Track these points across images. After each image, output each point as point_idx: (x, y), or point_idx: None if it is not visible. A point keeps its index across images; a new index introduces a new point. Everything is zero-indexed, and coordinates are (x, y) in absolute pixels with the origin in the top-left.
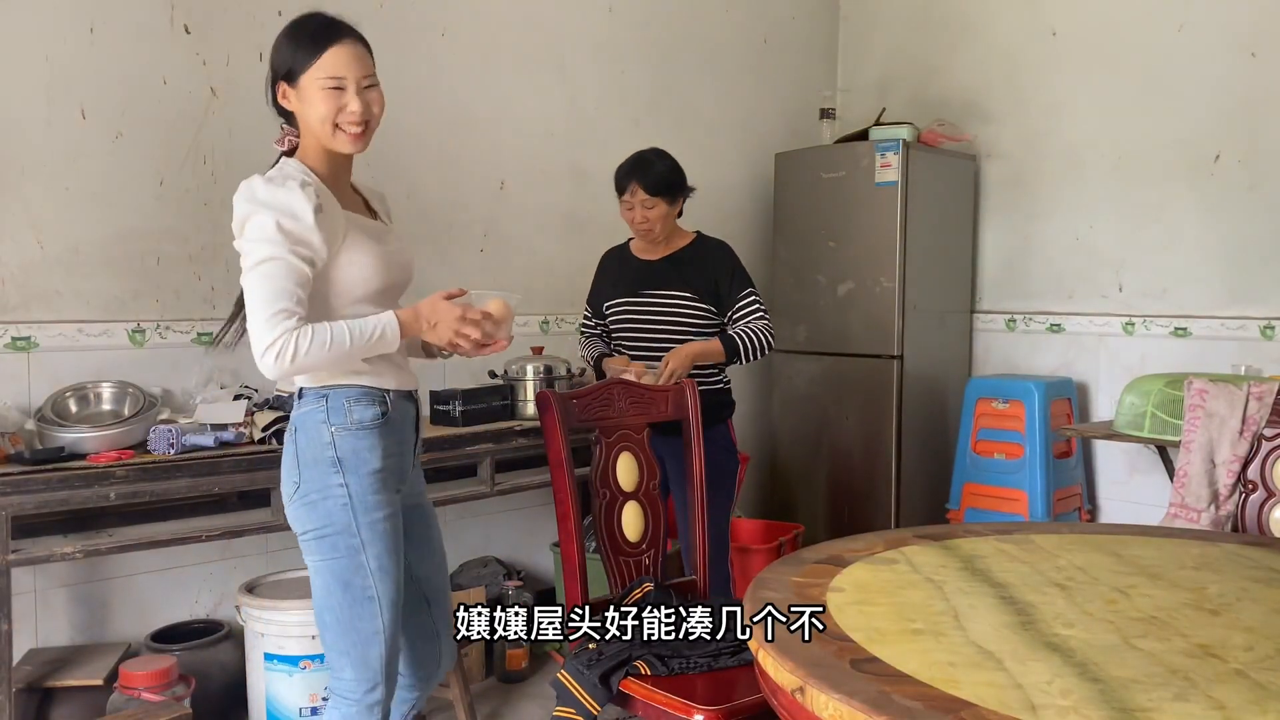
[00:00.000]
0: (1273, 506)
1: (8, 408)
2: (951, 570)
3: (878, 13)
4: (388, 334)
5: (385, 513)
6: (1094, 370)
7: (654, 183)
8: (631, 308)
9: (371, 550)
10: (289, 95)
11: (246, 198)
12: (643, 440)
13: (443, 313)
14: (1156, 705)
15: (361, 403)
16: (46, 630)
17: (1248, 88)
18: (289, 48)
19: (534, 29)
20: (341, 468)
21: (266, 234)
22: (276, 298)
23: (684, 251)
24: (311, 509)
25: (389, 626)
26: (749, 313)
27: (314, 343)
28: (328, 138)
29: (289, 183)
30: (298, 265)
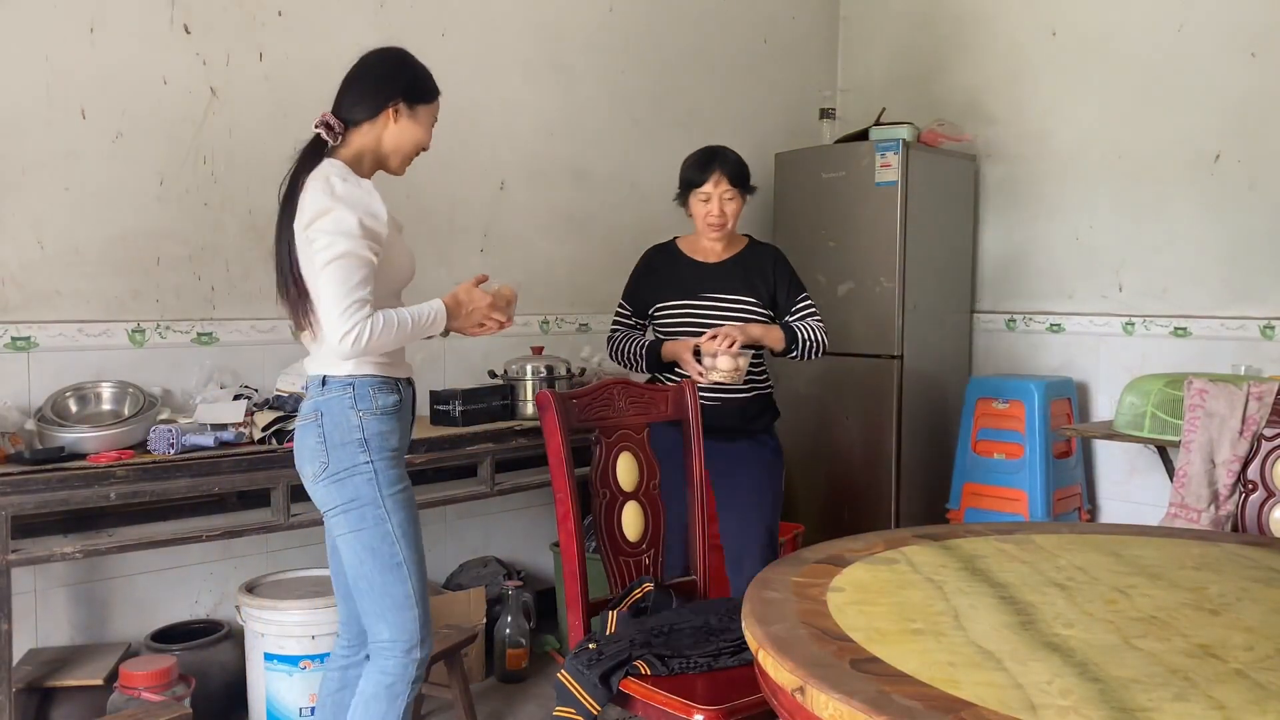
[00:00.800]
0: (1273, 506)
1: (8, 408)
2: (951, 570)
3: (878, 13)
4: (438, 319)
5: (402, 485)
6: (1094, 370)
7: (736, 172)
8: (691, 311)
9: (395, 519)
10: (401, 113)
11: (326, 193)
12: (643, 440)
13: (478, 298)
14: (1156, 705)
15: (383, 390)
16: (46, 630)
17: (1248, 88)
18: (420, 79)
19: (534, 29)
20: (368, 447)
21: (349, 229)
22: (353, 289)
23: (743, 254)
24: (340, 486)
25: (418, 588)
26: (807, 315)
27: (384, 327)
28: (400, 160)
29: (364, 183)
30: (370, 259)
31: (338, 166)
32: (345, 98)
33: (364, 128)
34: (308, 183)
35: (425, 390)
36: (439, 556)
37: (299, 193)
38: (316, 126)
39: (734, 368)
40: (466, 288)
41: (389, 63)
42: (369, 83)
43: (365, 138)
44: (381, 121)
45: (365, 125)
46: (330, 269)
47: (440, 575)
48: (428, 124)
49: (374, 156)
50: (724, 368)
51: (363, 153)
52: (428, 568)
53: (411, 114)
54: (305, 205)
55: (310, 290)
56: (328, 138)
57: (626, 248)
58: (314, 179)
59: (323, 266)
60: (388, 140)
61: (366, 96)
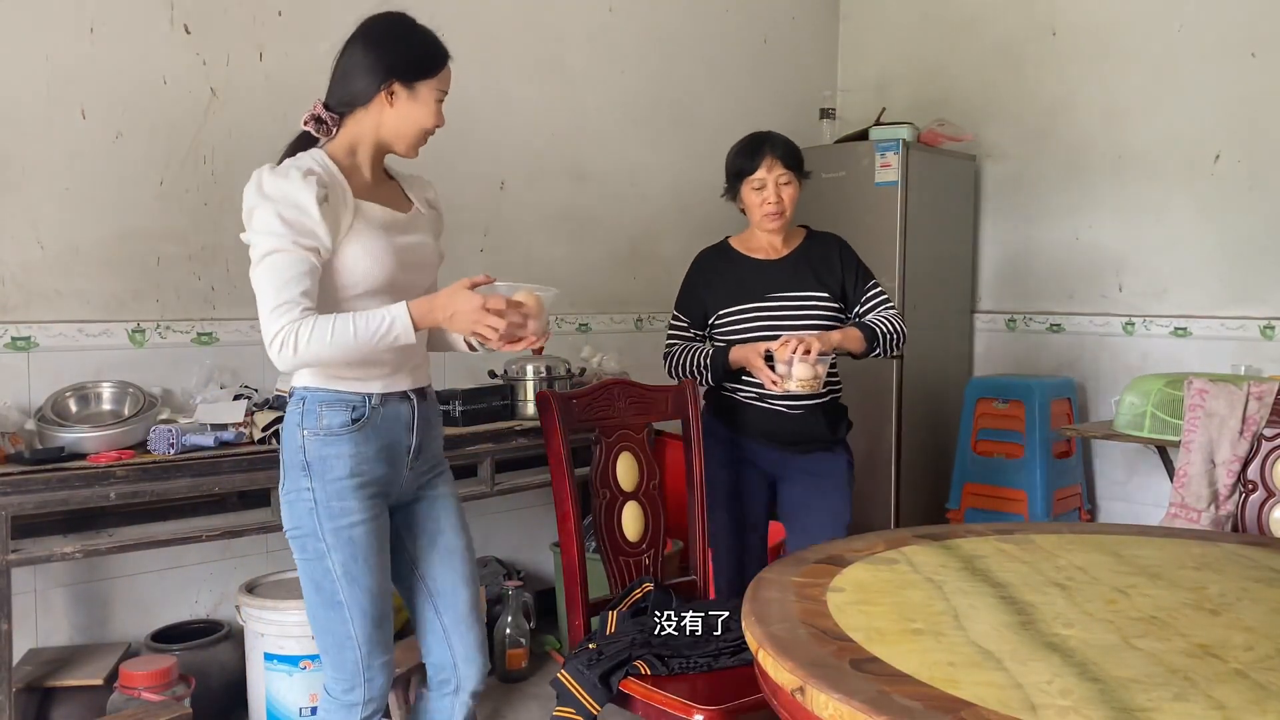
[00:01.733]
0: (1273, 506)
1: (8, 408)
2: (951, 570)
3: (878, 13)
4: (398, 326)
5: (353, 519)
6: (1094, 370)
7: (789, 153)
8: (758, 315)
9: (336, 556)
10: (397, 94)
11: (254, 189)
12: (643, 440)
13: (462, 302)
14: (1156, 705)
15: (334, 408)
16: (46, 630)
17: (1248, 88)
18: (416, 51)
19: (534, 29)
20: (309, 472)
21: (270, 226)
22: (280, 289)
23: (805, 247)
24: (289, 508)
25: (360, 632)
26: (880, 304)
27: (314, 335)
28: (409, 143)
29: (292, 173)
30: (302, 256)
31: (300, 158)
32: (334, 82)
33: (358, 114)
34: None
35: None
36: None
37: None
38: (306, 123)
39: (813, 376)
40: (451, 289)
41: (380, 35)
42: (356, 61)
43: (361, 124)
44: (376, 106)
45: (359, 111)
46: (256, 271)
47: None
48: (431, 101)
49: (374, 143)
50: (802, 376)
51: (358, 141)
52: None
53: (411, 93)
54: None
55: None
56: (318, 134)
57: (626, 248)
58: (252, 175)
59: (252, 271)
60: (387, 126)
61: (356, 78)
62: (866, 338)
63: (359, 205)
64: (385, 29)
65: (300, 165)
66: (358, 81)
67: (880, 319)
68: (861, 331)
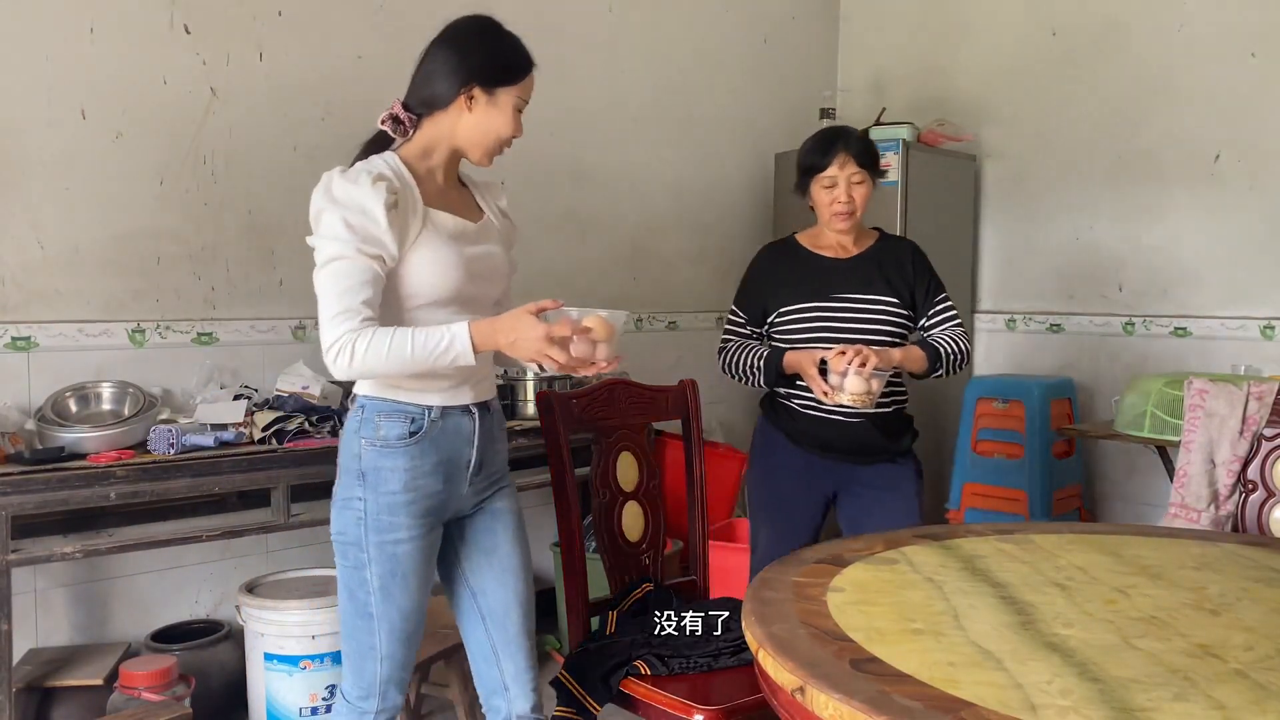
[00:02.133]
0: (1273, 506)
1: (8, 408)
2: (951, 570)
3: (878, 13)
4: (457, 345)
5: (399, 536)
6: (1094, 370)
7: (864, 151)
8: (820, 315)
9: (375, 569)
10: (476, 99)
11: (322, 192)
12: (643, 440)
13: (525, 329)
14: (1156, 705)
15: (391, 419)
16: (46, 630)
17: (1248, 88)
18: (500, 56)
19: (534, 29)
20: (363, 481)
21: (335, 231)
22: (341, 297)
23: (877, 249)
24: (337, 513)
25: (385, 647)
26: (947, 319)
27: (371, 347)
28: (484, 151)
29: (362, 178)
30: (366, 264)
31: (372, 161)
32: (415, 82)
33: (436, 116)
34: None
35: None
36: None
37: None
38: (382, 122)
39: (866, 391)
40: (514, 313)
41: (464, 37)
42: (439, 63)
43: (438, 127)
44: (455, 110)
45: (438, 114)
46: (318, 276)
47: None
48: (511, 109)
49: (449, 148)
50: (854, 390)
51: (433, 145)
52: None
53: (490, 99)
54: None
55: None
56: (394, 134)
57: (626, 248)
58: (322, 177)
59: (315, 275)
60: (463, 132)
61: (436, 80)
62: (929, 358)
63: (429, 213)
64: (470, 32)
65: (371, 169)
66: (438, 84)
67: (945, 338)
68: (924, 351)
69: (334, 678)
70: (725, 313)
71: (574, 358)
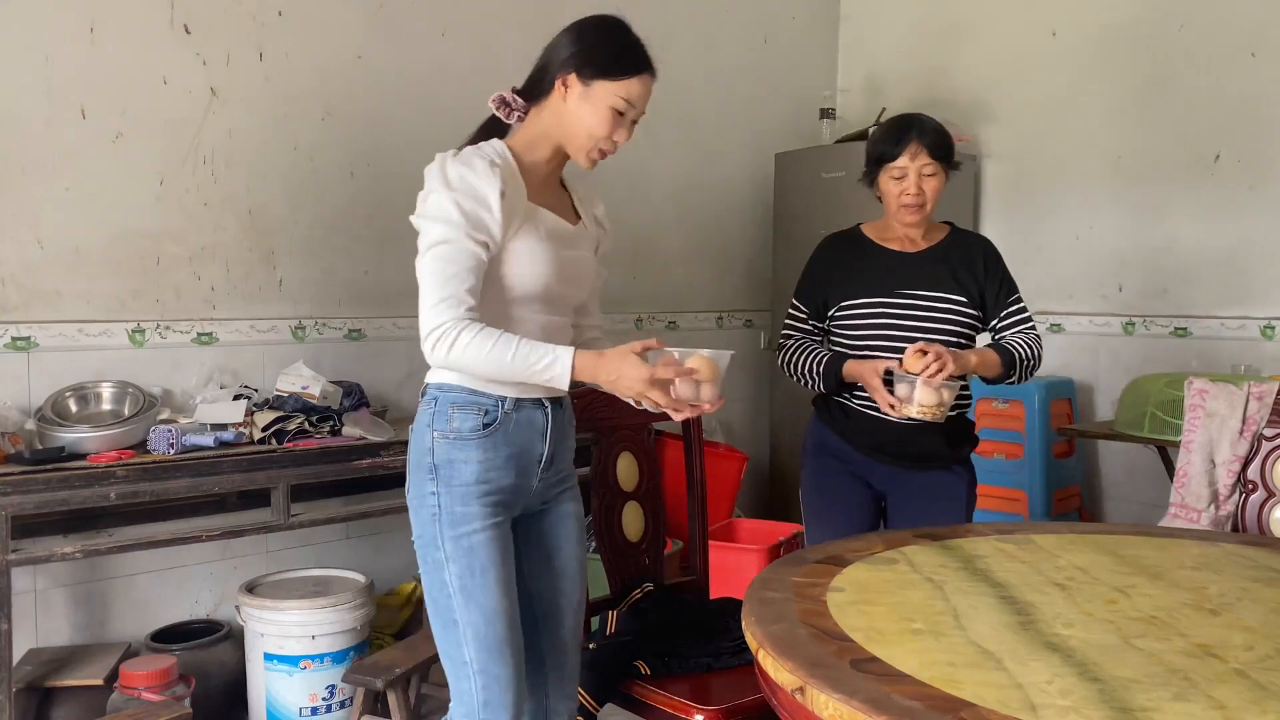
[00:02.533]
0: (1273, 506)
1: (8, 408)
2: (951, 570)
3: (878, 13)
4: (556, 368)
5: (474, 526)
6: (1094, 370)
7: (937, 143)
8: (884, 311)
9: (453, 568)
10: (571, 87)
11: (436, 174)
12: (643, 440)
13: (629, 368)
14: (1156, 705)
15: (465, 410)
16: (46, 630)
17: (1248, 88)
18: (606, 48)
19: (534, 29)
20: (436, 476)
21: (446, 214)
22: (445, 283)
23: (947, 244)
24: (414, 514)
25: (476, 660)
26: (1020, 322)
27: (473, 343)
28: (577, 147)
29: (476, 161)
30: (473, 250)
31: (482, 147)
32: (533, 69)
33: (542, 104)
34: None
35: None
36: None
37: None
38: (492, 102)
39: (937, 403)
40: (619, 351)
41: (581, 29)
42: (553, 50)
43: (543, 117)
44: (554, 100)
45: (543, 101)
46: (424, 260)
47: None
48: (606, 107)
49: (553, 141)
50: (926, 402)
51: (539, 136)
52: None
53: (586, 90)
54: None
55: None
56: (503, 116)
57: (627, 248)
58: (435, 158)
59: (419, 258)
60: (563, 124)
61: (545, 65)
62: (1004, 363)
63: (531, 209)
64: (591, 25)
65: (484, 155)
66: (547, 70)
67: (1019, 341)
68: (1000, 355)
69: (334, 678)
70: (727, 312)
71: (676, 399)
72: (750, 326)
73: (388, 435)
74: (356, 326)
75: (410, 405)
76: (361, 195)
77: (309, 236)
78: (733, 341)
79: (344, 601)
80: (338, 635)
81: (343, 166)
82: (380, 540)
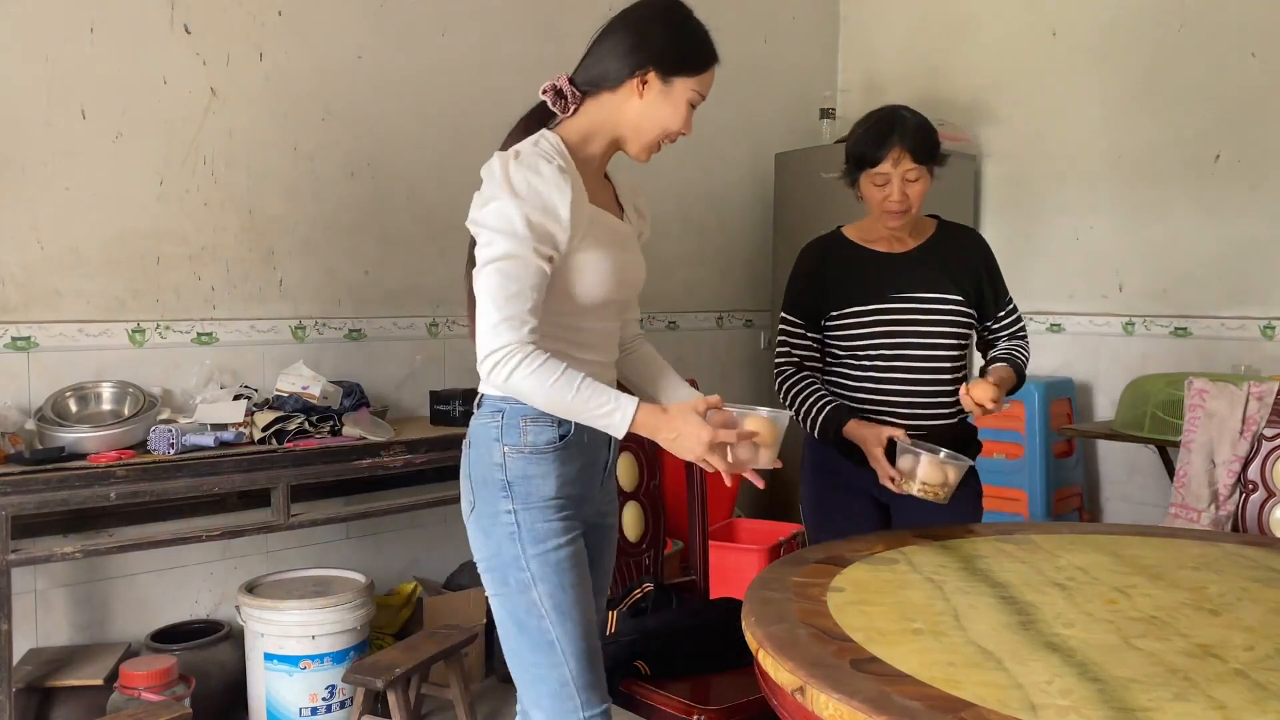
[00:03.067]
0: (1273, 506)
1: (8, 408)
2: (951, 570)
3: (878, 13)
4: (617, 419)
5: (558, 541)
6: (1094, 370)
7: (921, 144)
8: (880, 319)
9: (543, 587)
10: (650, 85)
11: (500, 179)
12: (642, 440)
13: (691, 429)
14: (1156, 705)
15: (539, 423)
16: (46, 630)
17: (1248, 88)
18: (685, 42)
19: (534, 29)
20: (511, 493)
21: (512, 226)
22: (508, 301)
23: (936, 241)
24: (484, 536)
25: (578, 677)
26: (1014, 324)
27: (535, 374)
28: (644, 143)
29: (544, 167)
30: (538, 265)
31: (537, 141)
32: (587, 57)
33: (603, 97)
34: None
35: (425, 390)
36: (439, 557)
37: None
38: (544, 92)
39: (941, 482)
40: (682, 409)
41: (648, 18)
42: (616, 40)
43: (603, 109)
44: (625, 92)
45: (605, 94)
46: (486, 274)
47: (440, 575)
48: (685, 102)
49: (609, 134)
50: (930, 481)
51: (595, 129)
52: (434, 570)
53: (665, 87)
54: (482, 187)
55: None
56: (555, 108)
57: None
58: (499, 153)
59: (479, 270)
60: (629, 117)
61: (610, 58)
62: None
63: (594, 213)
64: (656, 12)
65: (548, 156)
66: (611, 62)
67: (1018, 349)
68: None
69: (334, 678)
70: (727, 313)
71: (734, 463)
72: (750, 326)
73: (388, 435)
74: (356, 326)
75: (410, 405)
76: (361, 195)
77: (309, 236)
78: (732, 341)
79: (344, 601)
80: (338, 635)
81: (343, 166)
82: (380, 540)
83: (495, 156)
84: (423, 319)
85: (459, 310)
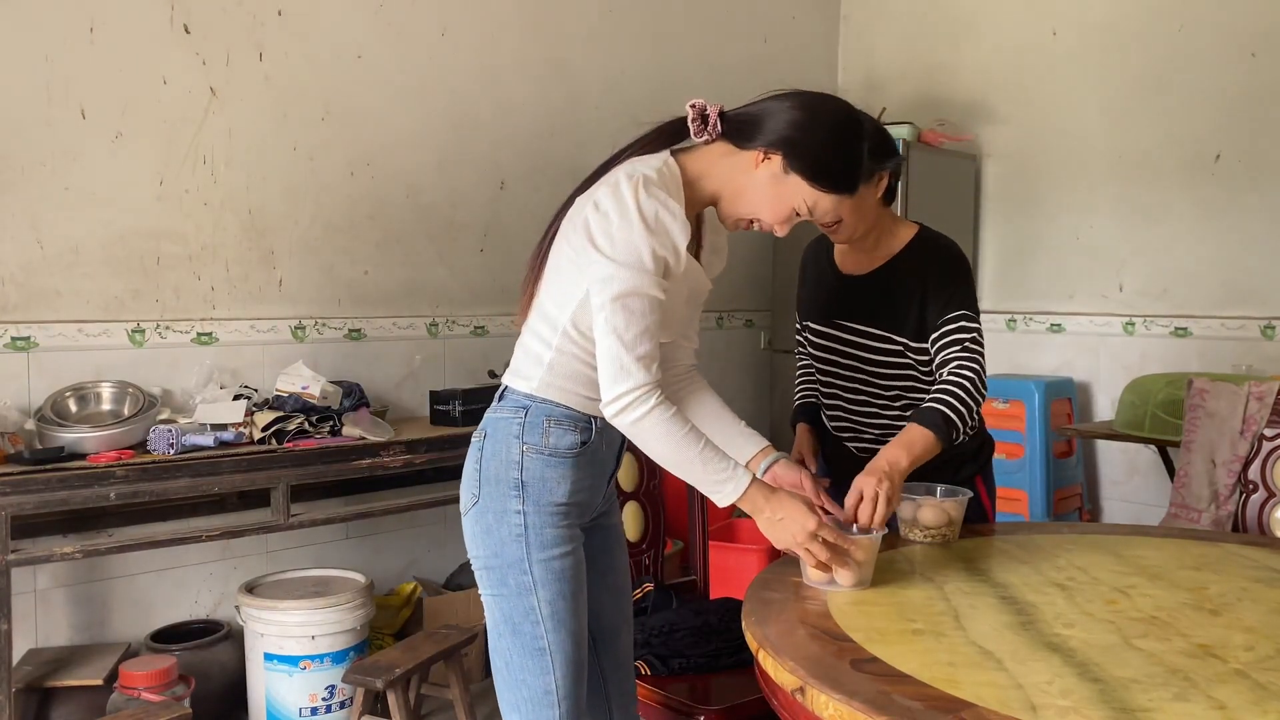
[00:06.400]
0: (1273, 506)
1: (8, 408)
2: (951, 570)
3: (878, 13)
4: (728, 490)
5: (564, 549)
6: (1094, 370)
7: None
8: (832, 345)
9: (544, 593)
10: (770, 165)
11: (629, 206)
12: None
13: (798, 515)
14: (1156, 705)
15: (562, 425)
16: (46, 630)
17: (1248, 88)
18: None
19: (534, 28)
20: (524, 493)
21: (641, 260)
22: (639, 339)
23: (899, 260)
24: (486, 534)
25: (563, 686)
26: (951, 345)
27: (664, 424)
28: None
29: (673, 204)
30: (660, 300)
31: (664, 170)
32: (750, 105)
33: (732, 147)
34: (618, 172)
35: (425, 390)
36: (439, 557)
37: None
38: (691, 107)
39: (946, 523)
40: (791, 497)
41: (824, 109)
42: (783, 110)
43: (726, 159)
44: (749, 156)
45: (735, 145)
46: (613, 308)
47: (440, 575)
48: (788, 203)
49: (716, 187)
50: (932, 525)
51: (709, 174)
52: (434, 570)
53: (780, 177)
54: (601, 201)
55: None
56: (692, 128)
57: None
58: (627, 172)
59: (602, 304)
60: (738, 180)
61: (765, 117)
62: (940, 438)
63: (690, 263)
64: (833, 114)
65: (672, 190)
66: (763, 121)
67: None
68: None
69: (334, 678)
70: (727, 313)
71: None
72: (750, 326)
73: (387, 435)
74: (356, 326)
75: (410, 405)
76: (361, 195)
77: (309, 236)
78: (732, 341)
79: (344, 601)
80: (337, 635)
81: (342, 166)
82: (380, 540)
83: (623, 177)
84: (422, 319)
85: (459, 310)
